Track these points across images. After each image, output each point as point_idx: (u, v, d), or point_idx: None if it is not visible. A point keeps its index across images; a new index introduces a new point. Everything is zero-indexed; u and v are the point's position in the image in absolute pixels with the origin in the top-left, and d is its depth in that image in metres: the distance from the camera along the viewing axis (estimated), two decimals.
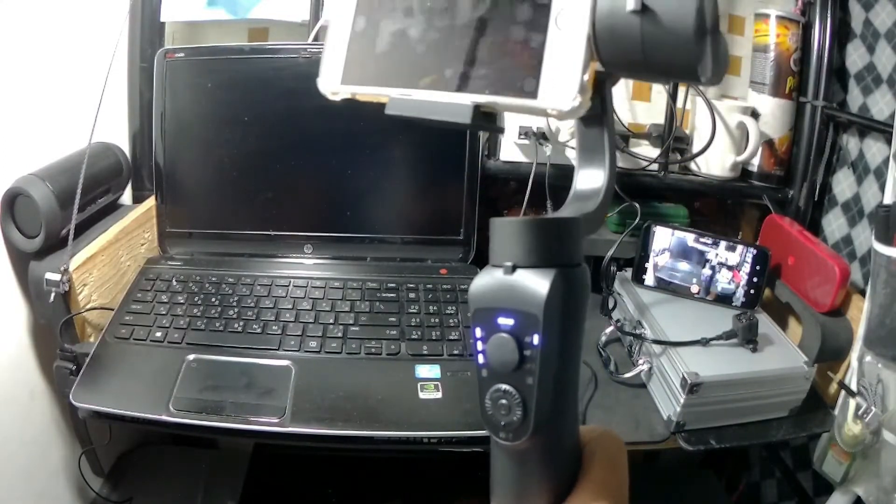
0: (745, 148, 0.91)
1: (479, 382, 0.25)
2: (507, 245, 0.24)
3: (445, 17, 0.26)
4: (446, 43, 0.26)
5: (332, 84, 0.28)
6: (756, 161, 0.96)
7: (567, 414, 0.26)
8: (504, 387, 0.25)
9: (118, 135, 0.91)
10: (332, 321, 0.75)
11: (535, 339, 0.24)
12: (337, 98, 0.28)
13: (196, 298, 0.77)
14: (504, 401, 0.24)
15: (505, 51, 0.24)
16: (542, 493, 0.26)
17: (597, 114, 0.25)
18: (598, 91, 0.24)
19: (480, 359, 0.25)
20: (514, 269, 0.24)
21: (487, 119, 0.25)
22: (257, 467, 1.00)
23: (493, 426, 0.25)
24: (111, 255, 0.80)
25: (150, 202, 0.89)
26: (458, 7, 0.26)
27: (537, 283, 0.24)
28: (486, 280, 0.25)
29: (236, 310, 0.76)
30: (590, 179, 0.27)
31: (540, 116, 0.76)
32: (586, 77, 0.23)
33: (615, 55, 0.23)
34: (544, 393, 0.24)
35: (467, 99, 0.25)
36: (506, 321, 0.24)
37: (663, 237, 0.86)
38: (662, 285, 0.87)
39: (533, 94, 0.23)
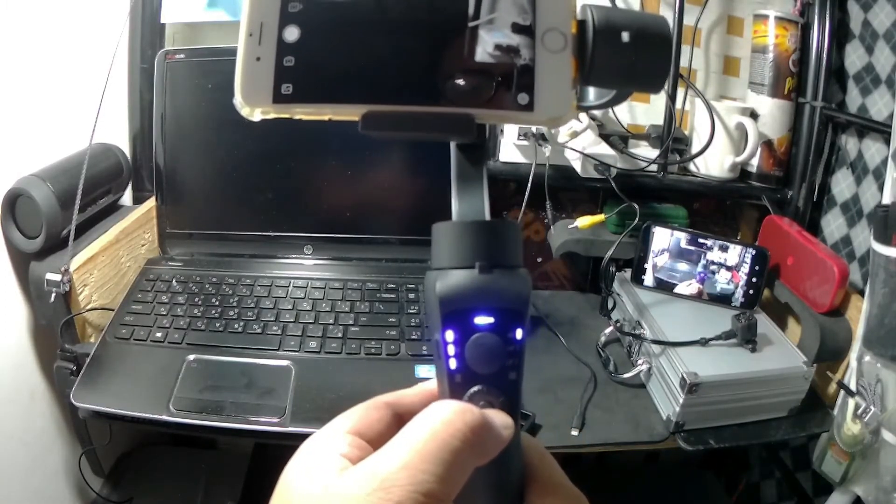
0: (744, 148, 0.91)
1: (451, 388, 0.24)
2: (477, 245, 0.24)
3: (411, 27, 0.24)
4: (414, 53, 0.24)
5: (258, 101, 0.24)
6: (755, 162, 0.96)
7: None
8: (484, 388, 0.24)
9: (119, 136, 0.91)
10: (331, 321, 0.75)
11: (519, 334, 0.24)
12: (264, 118, 0.25)
13: (196, 299, 0.78)
14: (483, 402, 0.24)
15: (492, 64, 0.25)
16: (507, 494, 0.25)
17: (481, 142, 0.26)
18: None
19: (453, 363, 0.24)
20: (490, 268, 0.24)
21: (481, 132, 0.25)
22: (257, 467, 1.00)
23: None
24: (111, 255, 0.80)
25: (151, 203, 0.89)
26: (430, 18, 0.24)
27: (516, 280, 0.24)
28: (458, 280, 0.24)
29: (236, 310, 0.76)
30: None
31: (533, 125, 0.77)
32: (575, 91, 0.25)
33: (604, 75, 0.26)
34: (521, 385, 0.25)
35: (461, 112, 0.24)
36: (485, 320, 0.24)
37: (662, 238, 0.87)
38: (662, 286, 0.87)
39: (529, 108, 0.25)
